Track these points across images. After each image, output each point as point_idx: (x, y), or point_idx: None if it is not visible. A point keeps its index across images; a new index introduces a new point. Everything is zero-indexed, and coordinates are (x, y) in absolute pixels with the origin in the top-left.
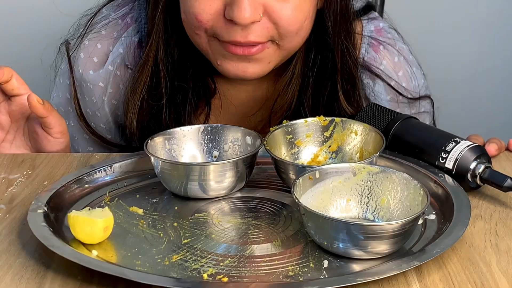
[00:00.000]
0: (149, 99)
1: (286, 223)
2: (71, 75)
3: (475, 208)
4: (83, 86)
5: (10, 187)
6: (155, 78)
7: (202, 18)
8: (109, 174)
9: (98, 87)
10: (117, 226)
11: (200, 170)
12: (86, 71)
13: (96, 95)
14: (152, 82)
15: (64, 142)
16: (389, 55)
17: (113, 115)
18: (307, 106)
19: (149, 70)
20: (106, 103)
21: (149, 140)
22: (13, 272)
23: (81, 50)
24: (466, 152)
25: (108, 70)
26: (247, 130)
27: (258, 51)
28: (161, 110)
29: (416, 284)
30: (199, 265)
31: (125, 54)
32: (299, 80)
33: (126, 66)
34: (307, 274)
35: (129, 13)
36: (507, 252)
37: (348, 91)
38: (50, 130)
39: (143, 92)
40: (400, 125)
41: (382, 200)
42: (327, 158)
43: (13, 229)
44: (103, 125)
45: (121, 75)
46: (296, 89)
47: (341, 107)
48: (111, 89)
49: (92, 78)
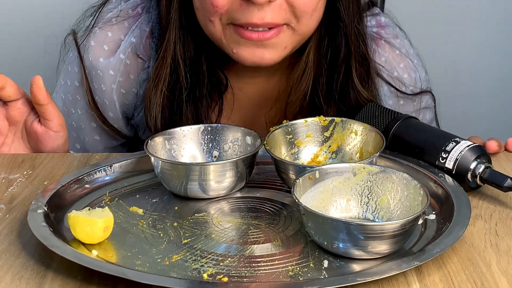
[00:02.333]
0: (170, 95)
1: (286, 223)
2: (80, 63)
3: (475, 208)
4: (92, 73)
5: (10, 187)
6: (175, 73)
7: (218, 3)
8: (109, 174)
9: (108, 75)
10: (117, 226)
11: (200, 170)
12: (96, 58)
13: (106, 83)
14: (172, 77)
15: (64, 136)
16: (391, 49)
17: (121, 105)
18: (322, 96)
19: (168, 66)
20: (115, 91)
21: (149, 140)
22: (13, 272)
23: (91, 38)
24: (466, 152)
25: (120, 58)
26: (247, 130)
27: (274, 35)
28: (181, 105)
29: (416, 284)
30: (199, 265)
31: (137, 43)
32: (313, 69)
33: (137, 56)
34: (307, 274)
35: (139, 3)
36: (507, 252)
37: (362, 74)
38: (50, 123)
39: (164, 89)
40: (400, 125)
41: (382, 200)
42: (327, 158)
43: (13, 229)
44: (111, 114)
45: (131, 64)
46: (311, 78)
47: (357, 91)
48: (121, 77)
49: (102, 65)
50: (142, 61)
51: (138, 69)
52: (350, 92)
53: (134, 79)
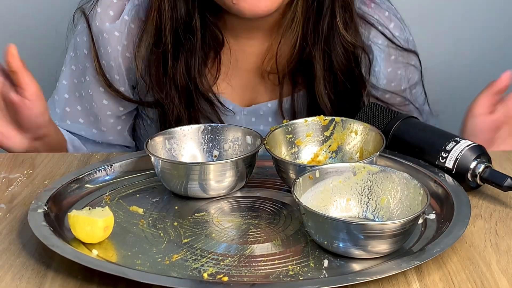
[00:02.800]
0: (154, 48)
1: (286, 222)
2: (89, 30)
3: (475, 207)
4: (99, 38)
5: (10, 186)
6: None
7: None
8: (109, 173)
9: (114, 36)
10: (117, 225)
11: (200, 170)
12: (103, 23)
13: (112, 44)
14: (158, 32)
15: (40, 106)
16: (380, 11)
17: (126, 69)
18: (310, 42)
19: (154, 18)
20: (120, 53)
21: (149, 139)
22: (13, 272)
23: (98, 6)
24: (466, 151)
25: (124, 20)
26: (247, 130)
27: None
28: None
29: (416, 283)
30: (199, 265)
31: (140, 6)
32: (302, 18)
33: (141, 19)
34: (307, 273)
35: None
36: (507, 252)
37: (345, 19)
38: (25, 92)
39: (149, 42)
40: (400, 125)
41: (382, 200)
42: (327, 158)
43: (13, 229)
44: (117, 76)
45: (135, 27)
46: (300, 26)
47: (341, 34)
48: (126, 41)
49: (108, 28)
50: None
51: None
52: (335, 36)
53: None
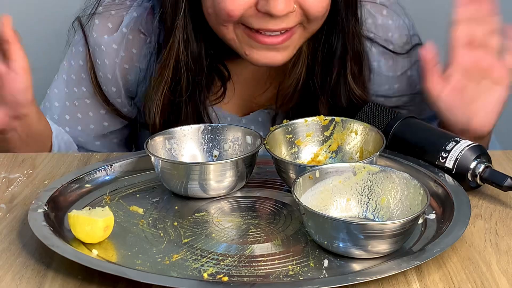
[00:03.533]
0: (170, 96)
1: (286, 222)
2: (85, 42)
3: (475, 207)
4: (96, 50)
5: (10, 186)
6: (177, 75)
7: (234, 13)
8: (109, 173)
9: (111, 49)
10: (117, 225)
11: (200, 170)
12: (101, 35)
13: (109, 57)
14: (175, 78)
15: (25, 82)
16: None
17: (124, 80)
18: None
19: (171, 67)
20: (118, 65)
21: (149, 139)
22: (13, 272)
23: (95, 17)
24: (466, 151)
25: (122, 32)
26: (248, 130)
27: (287, 39)
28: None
29: (416, 283)
30: (199, 265)
31: (139, 18)
32: (307, 59)
33: (139, 31)
34: (307, 273)
35: None
36: (507, 252)
37: (355, 73)
38: (14, 63)
39: (165, 90)
40: (400, 125)
41: (382, 200)
42: (327, 158)
43: (13, 229)
44: (113, 88)
45: (133, 39)
46: (304, 68)
47: (350, 87)
48: (123, 52)
49: (106, 41)
50: (144, 37)
51: (140, 44)
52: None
53: (137, 54)
